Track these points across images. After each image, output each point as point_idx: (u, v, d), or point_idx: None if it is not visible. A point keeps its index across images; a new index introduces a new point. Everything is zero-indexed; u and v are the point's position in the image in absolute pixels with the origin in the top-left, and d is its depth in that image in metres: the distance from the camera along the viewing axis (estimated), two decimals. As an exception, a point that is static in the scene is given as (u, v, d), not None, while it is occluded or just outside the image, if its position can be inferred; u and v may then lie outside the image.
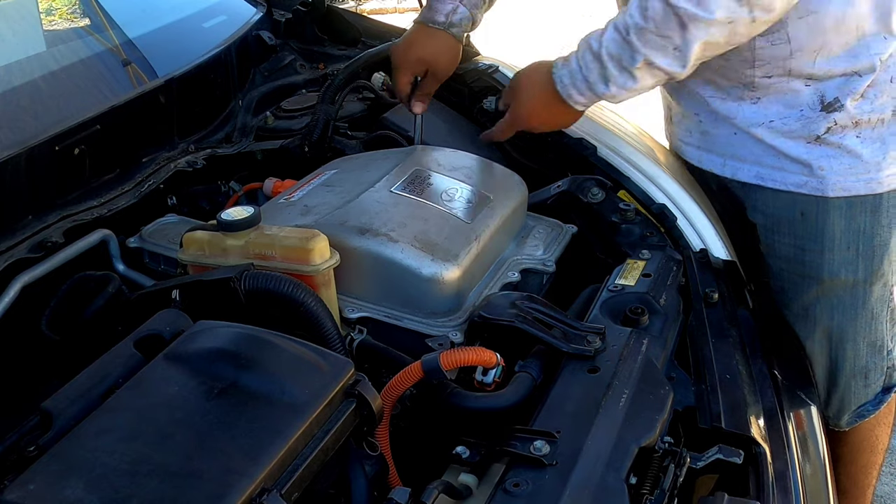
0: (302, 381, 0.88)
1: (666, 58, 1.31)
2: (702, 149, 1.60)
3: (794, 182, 1.47)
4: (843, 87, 1.39)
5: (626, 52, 1.33)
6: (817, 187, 1.45)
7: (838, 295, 1.52)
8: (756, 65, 1.42)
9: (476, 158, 1.51)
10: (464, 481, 0.97)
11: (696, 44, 1.28)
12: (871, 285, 1.51)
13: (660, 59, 1.31)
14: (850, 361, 1.57)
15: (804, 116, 1.42)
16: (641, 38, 1.30)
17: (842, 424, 1.66)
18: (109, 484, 0.75)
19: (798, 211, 1.48)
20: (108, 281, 1.26)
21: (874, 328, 1.55)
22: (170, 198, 1.57)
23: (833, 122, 1.41)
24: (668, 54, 1.30)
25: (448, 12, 1.57)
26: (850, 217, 1.45)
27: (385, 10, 7.46)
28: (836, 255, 1.48)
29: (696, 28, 1.26)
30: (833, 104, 1.39)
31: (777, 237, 1.52)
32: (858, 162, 1.42)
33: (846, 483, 1.78)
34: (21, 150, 1.33)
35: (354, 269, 1.21)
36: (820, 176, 1.44)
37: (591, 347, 1.09)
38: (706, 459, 1.00)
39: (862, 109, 1.39)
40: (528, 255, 1.38)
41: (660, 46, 1.30)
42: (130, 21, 1.86)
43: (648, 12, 1.28)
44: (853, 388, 1.60)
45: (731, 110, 1.49)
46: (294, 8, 2.08)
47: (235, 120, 1.83)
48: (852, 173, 1.43)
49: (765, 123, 1.46)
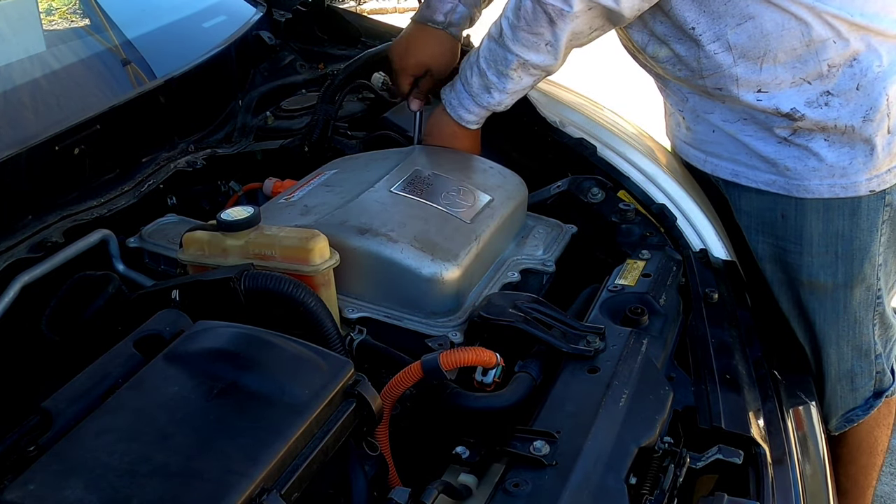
0: (302, 382, 0.88)
1: (539, 54, 1.37)
2: (688, 144, 1.61)
3: (764, 180, 1.47)
4: (795, 96, 1.37)
5: (500, 55, 1.40)
6: (784, 187, 1.46)
7: (819, 298, 1.51)
8: (704, 75, 1.42)
9: (476, 158, 1.51)
10: (464, 481, 0.97)
11: (564, 36, 1.35)
12: (852, 289, 1.50)
13: (533, 57, 1.38)
14: (835, 365, 1.56)
15: (769, 119, 1.42)
16: (515, 37, 1.37)
17: (830, 428, 1.64)
18: (109, 484, 0.75)
19: (779, 212, 1.48)
20: (108, 281, 1.25)
21: (858, 332, 1.54)
22: (170, 198, 1.57)
23: (797, 126, 1.40)
24: (542, 50, 1.37)
25: (447, 11, 1.57)
26: (828, 220, 1.45)
27: (385, 10, 7.46)
28: (815, 258, 1.48)
29: (563, 22, 1.32)
30: (791, 114, 1.39)
31: (760, 237, 1.53)
32: (823, 165, 1.41)
33: (846, 483, 1.78)
34: (21, 150, 1.33)
35: (354, 269, 1.21)
36: (787, 176, 1.45)
37: (591, 347, 1.09)
38: (706, 459, 1.00)
39: (827, 116, 1.38)
40: (528, 255, 1.38)
41: (532, 44, 1.36)
42: (130, 21, 1.86)
43: (521, 11, 1.35)
44: (839, 392, 1.59)
45: (708, 107, 1.49)
46: (294, 8, 2.08)
47: (235, 120, 1.83)
48: (816, 176, 1.42)
49: (739, 120, 1.46)
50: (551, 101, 1.77)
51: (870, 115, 1.37)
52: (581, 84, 2.06)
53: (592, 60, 4.38)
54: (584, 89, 1.97)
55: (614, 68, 1.48)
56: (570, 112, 1.73)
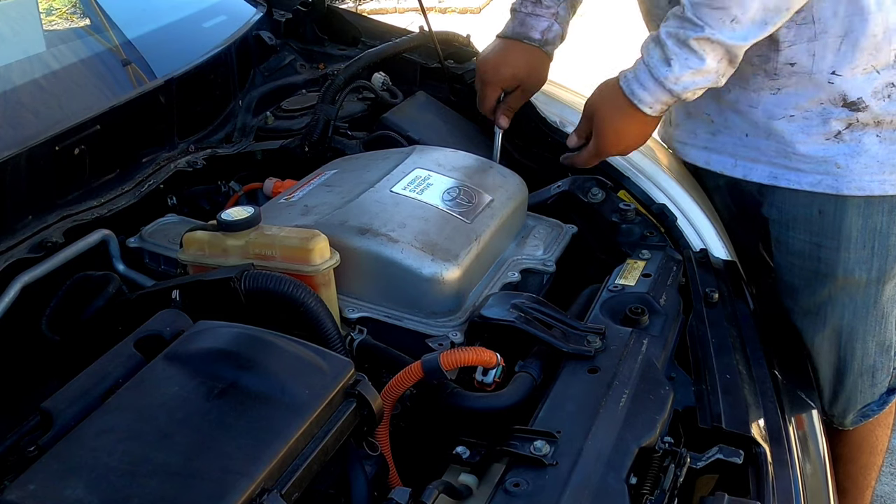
0: (302, 382, 0.88)
1: (723, 29, 1.27)
2: (710, 150, 1.58)
3: (809, 182, 1.45)
4: (864, 84, 1.37)
5: (684, 28, 1.29)
6: (832, 185, 1.44)
7: (850, 293, 1.51)
8: (781, 46, 1.39)
9: (476, 158, 1.50)
10: (464, 481, 0.97)
11: (753, 7, 1.25)
12: (884, 285, 1.51)
13: (716, 33, 1.27)
14: (859, 360, 1.57)
15: (825, 111, 1.40)
16: (697, 12, 1.28)
17: (846, 424, 1.65)
18: (109, 484, 0.75)
19: (816, 209, 1.47)
20: (108, 281, 1.26)
21: (883, 328, 1.55)
22: (170, 198, 1.57)
23: (855, 119, 1.39)
24: (725, 26, 1.27)
25: (544, 30, 1.58)
26: (868, 216, 1.45)
27: (385, 10, 7.46)
28: (852, 254, 1.47)
29: None
30: (857, 103, 1.38)
31: (793, 233, 1.51)
32: (874, 162, 1.41)
33: (846, 483, 1.78)
34: (21, 150, 1.33)
35: (354, 269, 1.21)
36: (835, 174, 1.43)
37: (591, 347, 1.09)
38: (706, 459, 1.00)
39: (888, 110, 1.38)
40: (529, 255, 1.38)
41: (716, 20, 1.26)
42: (130, 21, 1.86)
43: None
44: (860, 387, 1.60)
45: (752, 100, 1.46)
46: (294, 8, 2.08)
47: (235, 120, 1.83)
48: (867, 172, 1.42)
49: (785, 116, 1.44)
50: (551, 101, 1.77)
51: None
52: (581, 84, 2.06)
53: (593, 61, 4.38)
54: (584, 89, 1.97)
55: (614, 68, 1.47)
56: (570, 112, 1.73)
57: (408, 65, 1.89)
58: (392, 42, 1.81)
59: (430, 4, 7.46)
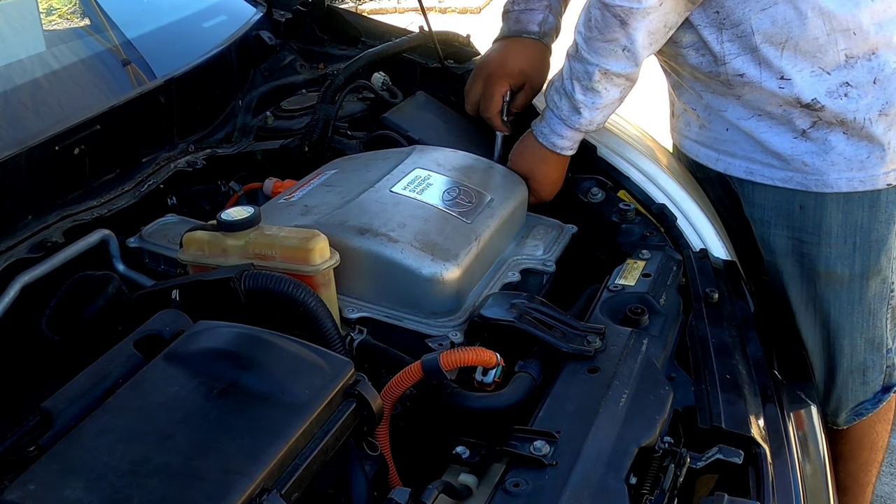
0: (302, 382, 0.88)
1: (618, 61, 1.36)
2: (699, 143, 1.60)
3: (781, 178, 1.47)
4: (816, 86, 1.38)
5: (581, 71, 1.39)
6: (802, 182, 1.46)
7: (835, 289, 1.52)
8: (726, 60, 1.41)
9: (476, 158, 1.51)
10: (464, 481, 0.97)
11: (640, 36, 1.33)
12: (868, 280, 1.51)
13: (613, 65, 1.36)
14: (848, 358, 1.57)
15: (787, 112, 1.42)
16: (591, 48, 1.36)
17: (839, 422, 1.66)
18: (109, 484, 0.75)
19: (797, 204, 1.48)
20: (108, 281, 1.26)
21: (872, 325, 1.55)
22: (170, 198, 1.57)
23: (818, 117, 1.40)
24: (619, 57, 1.36)
25: (540, 21, 1.59)
26: (847, 211, 1.46)
27: (385, 10, 7.47)
28: (833, 249, 1.48)
29: (635, 21, 1.31)
30: (812, 105, 1.39)
31: (775, 230, 1.53)
32: (842, 159, 1.42)
33: (846, 480, 1.78)
34: (21, 150, 1.33)
35: (354, 269, 1.21)
36: (804, 171, 1.45)
37: (591, 347, 1.09)
38: (706, 459, 1.00)
39: (846, 108, 1.38)
40: (528, 255, 1.38)
41: (609, 52, 1.35)
42: (130, 21, 1.86)
43: (591, 21, 1.35)
44: (850, 385, 1.60)
45: (722, 104, 1.49)
46: (294, 8, 2.08)
47: (235, 120, 1.83)
48: (835, 170, 1.43)
49: (753, 118, 1.46)
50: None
51: (886, 109, 1.38)
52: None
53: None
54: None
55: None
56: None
57: (408, 65, 1.88)
58: (392, 42, 1.81)
59: (430, 4, 7.47)
